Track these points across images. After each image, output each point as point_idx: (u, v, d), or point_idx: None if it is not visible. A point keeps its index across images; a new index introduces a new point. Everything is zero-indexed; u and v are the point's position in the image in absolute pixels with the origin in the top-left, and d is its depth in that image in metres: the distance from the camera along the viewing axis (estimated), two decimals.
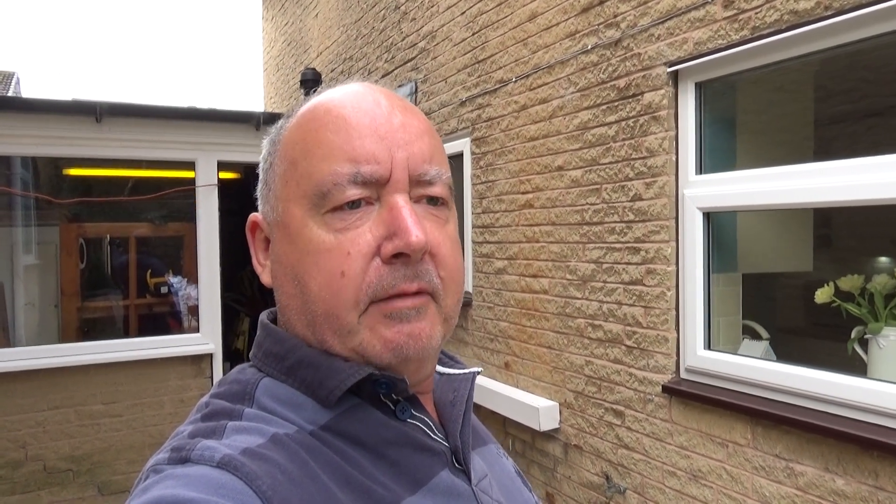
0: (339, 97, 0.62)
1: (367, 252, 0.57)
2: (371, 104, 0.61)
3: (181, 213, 4.38)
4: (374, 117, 0.60)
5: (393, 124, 0.60)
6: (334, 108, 0.61)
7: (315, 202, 0.58)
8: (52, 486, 3.80)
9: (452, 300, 0.62)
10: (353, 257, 0.57)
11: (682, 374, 2.40)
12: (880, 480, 1.76)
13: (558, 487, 3.06)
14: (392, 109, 0.61)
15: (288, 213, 0.61)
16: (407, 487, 0.57)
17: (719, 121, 2.45)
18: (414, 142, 0.60)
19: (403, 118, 0.61)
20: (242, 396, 0.59)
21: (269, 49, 9.02)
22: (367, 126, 0.59)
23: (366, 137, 0.58)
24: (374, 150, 0.58)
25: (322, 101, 0.63)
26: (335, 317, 0.58)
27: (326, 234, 0.58)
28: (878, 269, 3.39)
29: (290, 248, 0.60)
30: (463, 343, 3.86)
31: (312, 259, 0.58)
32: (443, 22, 4.00)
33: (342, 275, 0.57)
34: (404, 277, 0.57)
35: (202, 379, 4.22)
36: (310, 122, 0.62)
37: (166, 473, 0.49)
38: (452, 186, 0.65)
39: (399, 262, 0.57)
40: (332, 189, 0.57)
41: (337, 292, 0.57)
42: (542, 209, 3.11)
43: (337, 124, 0.59)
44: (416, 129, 0.61)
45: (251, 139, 4.34)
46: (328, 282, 0.57)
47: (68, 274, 4.20)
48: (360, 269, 0.57)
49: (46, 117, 3.84)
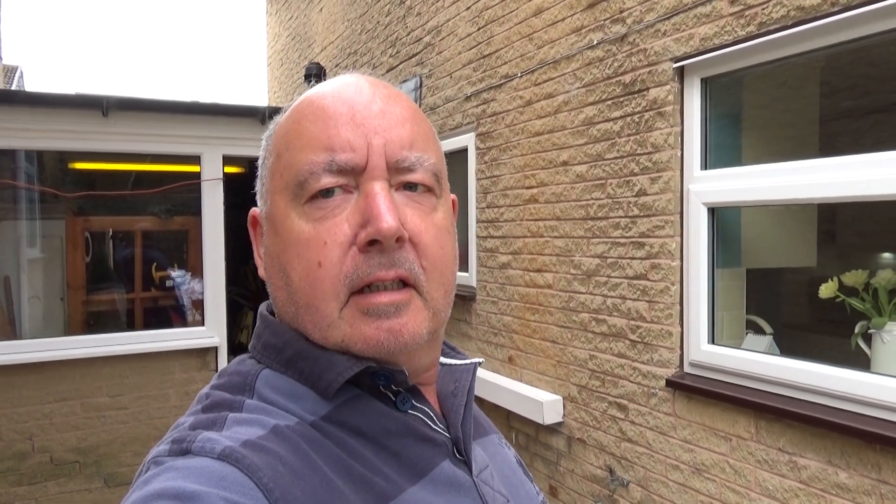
0: (325, 89, 0.62)
1: (343, 241, 0.57)
2: (352, 92, 0.61)
3: (186, 206, 4.40)
4: (352, 105, 0.59)
5: (371, 111, 0.59)
6: (317, 99, 0.61)
7: (295, 192, 0.58)
8: (58, 477, 3.83)
9: (439, 291, 0.61)
10: (330, 247, 0.56)
11: (686, 368, 2.41)
12: (883, 474, 1.78)
13: (562, 481, 3.08)
14: (373, 97, 0.61)
15: (274, 205, 0.61)
16: (408, 478, 0.57)
17: (724, 116, 2.45)
18: (393, 128, 0.59)
19: (384, 105, 0.60)
20: (243, 388, 0.59)
21: (272, 44, 9.02)
22: (345, 114, 0.59)
23: (342, 126, 0.58)
24: (350, 137, 0.58)
25: (308, 94, 0.63)
26: (315, 308, 0.57)
27: (305, 224, 0.58)
28: (881, 264, 3.40)
29: (275, 239, 0.61)
30: (467, 337, 3.88)
31: (294, 250, 0.58)
32: (448, 17, 4.00)
33: (319, 265, 0.56)
34: (380, 265, 0.56)
35: (207, 372, 4.24)
36: (294, 115, 0.62)
37: (167, 465, 0.49)
38: (442, 174, 0.64)
39: (374, 249, 0.56)
40: (308, 178, 0.57)
41: (314, 283, 0.57)
42: (546, 204, 3.12)
43: (316, 114, 0.60)
44: (396, 115, 0.60)
45: (256, 133, 4.35)
46: (307, 272, 0.57)
47: (74, 267, 4.21)
48: (336, 259, 0.56)
49: (52, 111, 3.85)
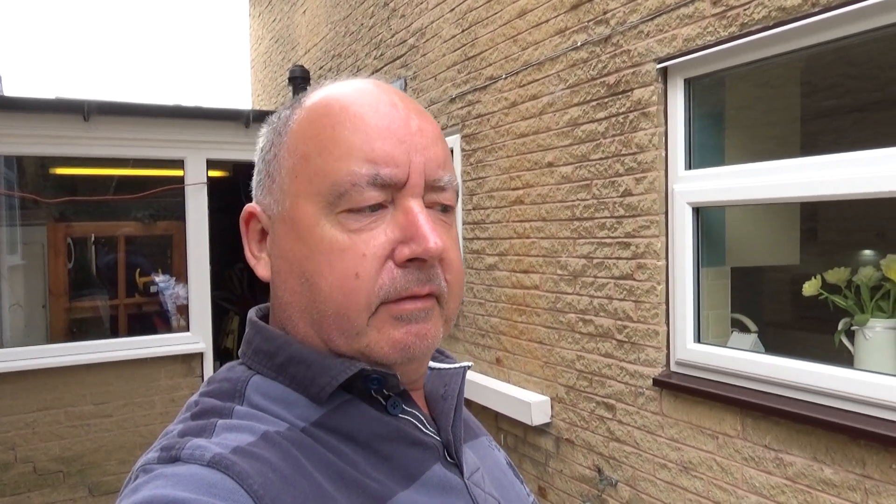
0: (354, 95, 0.61)
1: (381, 255, 0.57)
2: (388, 106, 0.60)
3: (170, 211, 4.36)
4: (392, 119, 0.59)
5: (411, 128, 0.60)
6: (350, 105, 0.60)
7: (330, 201, 0.57)
8: (42, 487, 3.77)
9: (454, 303, 0.63)
10: (368, 259, 0.56)
11: (673, 367, 2.43)
12: (867, 469, 1.80)
13: (550, 481, 3.09)
14: (409, 113, 0.61)
15: (297, 209, 0.59)
16: (400, 482, 0.57)
17: (708, 116, 2.47)
18: (430, 147, 0.60)
19: (420, 122, 0.61)
20: (233, 394, 0.59)
21: (256, 46, 8.97)
22: (386, 128, 0.58)
23: (385, 139, 0.58)
24: (394, 152, 0.58)
25: (335, 97, 0.61)
26: (345, 318, 0.57)
27: (341, 233, 0.57)
28: (863, 261, 3.44)
29: (297, 244, 0.59)
30: (454, 339, 3.87)
31: (325, 258, 0.57)
32: (432, 19, 4.00)
33: (356, 276, 0.56)
34: (417, 281, 0.58)
35: (193, 378, 4.20)
36: (324, 118, 0.60)
37: (156, 473, 0.48)
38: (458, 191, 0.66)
39: (413, 266, 0.57)
40: (349, 189, 0.57)
41: (349, 293, 0.57)
42: (532, 205, 3.13)
43: (355, 123, 0.59)
44: (431, 134, 0.61)
45: (240, 137, 4.32)
46: (341, 282, 0.57)
47: (56, 274, 4.16)
48: (374, 271, 0.57)
49: (32, 116, 3.80)
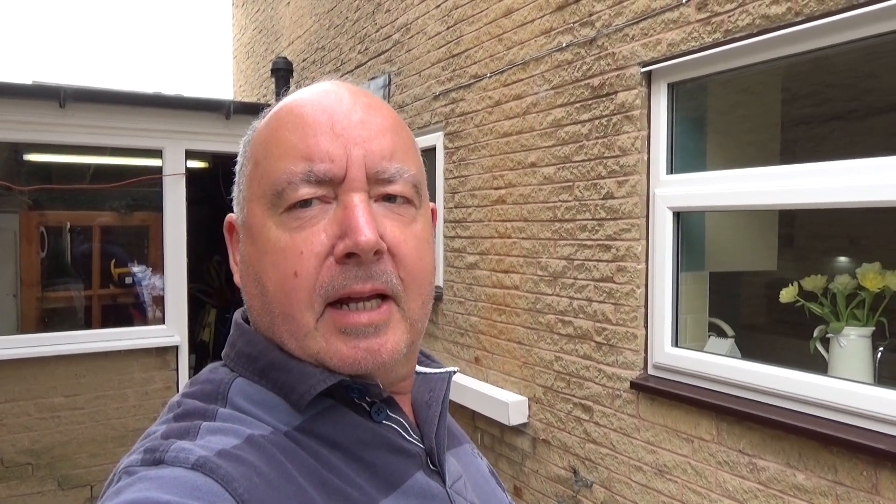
0: (304, 96, 0.62)
1: (320, 251, 0.56)
2: (332, 101, 0.60)
3: (147, 201, 4.28)
4: (332, 114, 0.59)
5: (351, 121, 0.59)
6: (296, 106, 0.60)
7: (273, 201, 0.58)
8: (9, 479, 3.70)
9: (416, 302, 0.61)
10: (306, 257, 0.56)
11: (650, 370, 2.44)
12: (839, 475, 1.82)
13: (526, 481, 3.09)
14: (353, 106, 0.60)
15: (251, 213, 0.60)
16: (382, 489, 0.57)
17: (690, 121, 2.49)
18: (373, 139, 0.59)
19: (364, 115, 0.60)
20: (215, 396, 0.58)
21: (238, 36, 8.86)
22: (324, 123, 0.58)
23: (321, 135, 0.57)
24: (329, 147, 0.57)
25: (287, 101, 0.62)
26: (290, 318, 0.57)
27: (283, 233, 0.57)
28: (838, 268, 3.49)
29: (251, 248, 0.60)
30: (433, 337, 3.86)
31: (270, 259, 0.58)
32: (417, 14, 3.97)
33: (295, 275, 0.56)
34: (356, 278, 0.56)
35: (167, 371, 4.15)
36: (272, 122, 0.61)
37: (140, 475, 0.48)
38: (421, 184, 0.64)
39: (352, 262, 0.56)
40: (286, 188, 0.57)
41: (290, 292, 0.56)
42: (514, 205, 3.13)
43: (295, 123, 0.59)
44: (377, 125, 0.60)
45: (220, 128, 4.25)
46: (283, 282, 0.57)
47: (28, 263, 4.07)
48: (313, 269, 0.56)
49: (7, 101, 3.71)
